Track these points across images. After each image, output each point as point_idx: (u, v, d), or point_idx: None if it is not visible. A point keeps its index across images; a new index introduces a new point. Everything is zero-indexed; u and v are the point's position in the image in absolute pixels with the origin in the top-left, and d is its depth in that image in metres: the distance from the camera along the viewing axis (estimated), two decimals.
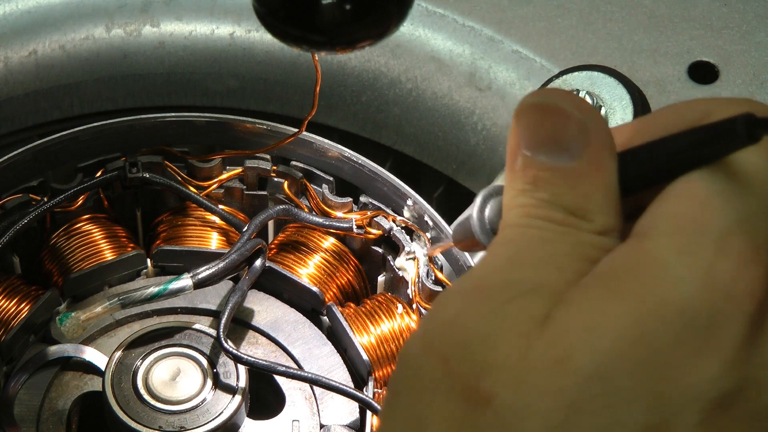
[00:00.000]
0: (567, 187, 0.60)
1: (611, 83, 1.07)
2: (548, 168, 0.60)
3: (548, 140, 0.60)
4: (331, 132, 1.22)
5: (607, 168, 0.60)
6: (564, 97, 0.61)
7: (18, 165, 1.06)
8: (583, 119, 0.60)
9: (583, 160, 0.60)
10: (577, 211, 0.59)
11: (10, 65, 1.20)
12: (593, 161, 0.60)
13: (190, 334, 1.01)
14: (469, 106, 1.19)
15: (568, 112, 0.60)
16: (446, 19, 1.20)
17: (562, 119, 0.61)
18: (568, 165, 0.60)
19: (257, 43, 1.22)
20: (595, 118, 0.61)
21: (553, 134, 0.60)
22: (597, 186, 0.60)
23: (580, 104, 0.61)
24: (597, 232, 0.59)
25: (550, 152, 0.60)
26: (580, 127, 0.60)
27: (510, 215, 0.61)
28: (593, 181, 0.60)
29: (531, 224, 0.60)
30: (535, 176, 0.60)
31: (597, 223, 0.59)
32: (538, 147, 0.61)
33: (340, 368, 1.03)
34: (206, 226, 1.10)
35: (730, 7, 1.19)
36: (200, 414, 0.96)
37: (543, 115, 0.61)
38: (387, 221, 1.07)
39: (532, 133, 0.61)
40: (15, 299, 1.04)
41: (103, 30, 1.21)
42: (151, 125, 1.09)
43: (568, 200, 0.60)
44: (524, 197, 0.60)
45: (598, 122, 0.61)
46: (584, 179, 0.60)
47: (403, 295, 1.07)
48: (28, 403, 0.99)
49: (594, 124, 0.61)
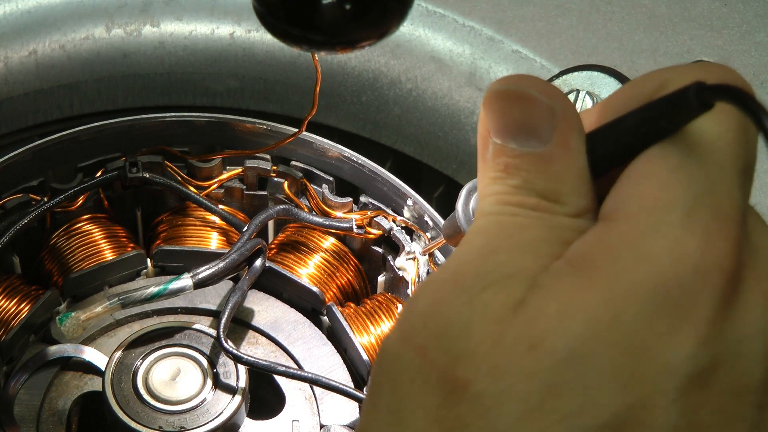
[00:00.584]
0: (538, 171, 0.60)
1: (611, 83, 1.07)
2: (518, 154, 0.60)
3: (517, 126, 0.61)
4: (331, 132, 1.22)
5: (577, 150, 0.60)
6: (529, 83, 0.61)
7: (18, 165, 1.06)
8: (550, 103, 0.61)
9: (553, 144, 0.60)
10: (550, 194, 0.60)
11: (10, 65, 1.20)
12: (562, 144, 0.60)
13: (190, 334, 1.01)
14: (469, 106, 1.19)
15: (534, 97, 0.61)
16: (446, 19, 1.20)
17: (529, 105, 0.61)
18: (538, 150, 0.60)
19: (257, 43, 1.22)
20: (561, 102, 0.61)
21: (521, 120, 0.61)
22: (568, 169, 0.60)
23: (546, 89, 0.61)
24: (571, 214, 0.60)
25: (520, 138, 0.61)
26: (547, 112, 0.60)
27: (484, 204, 0.61)
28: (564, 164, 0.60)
29: (504, 211, 0.60)
30: (506, 163, 0.61)
31: (570, 206, 0.60)
32: (507, 134, 0.61)
33: (340, 368, 1.03)
34: (206, 226, 1.10)
35: (730, 7, 1.19)
36: (200, 414, 0.96)
37: (510, 102, 0.61)
38: (387, 221, 1.07)
39: (501, 121, 0.61)
40: (15, 299, 1.04)
41: (103, 30, 1.21)
42: (151, 125, 1.09)
43: (540, 185, 0.60)
44: (497, 185, 0.61)
45: (565, 106, 0.61)
46: (555, 163, 0.60)
47: (403, 295, 1.07)
48: (28, 403, 0.99)
49: (561, 107, 0.61)
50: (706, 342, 0.55)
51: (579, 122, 0.61)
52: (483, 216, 0.61)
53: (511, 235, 0.59)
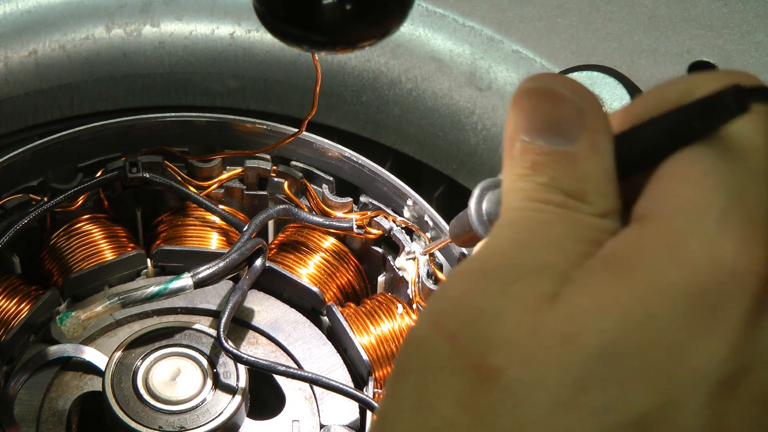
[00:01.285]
0: (565, 170, 0.60)
1: (611, 83, 1.07)
2: (546, 152, 0.61)
3: (545, 124, 0.61)
4: (331, 132, 1.22)
5: (604, 150, 0.61)
6: (560, 81, 0.62)
7: (18, 165, 1.06)
8: (579, 102, 0.61)
9: (580, 143, 0.60)
10: (576, 193, 0.60)
11: (10, 65, 1.20)
12: (590, 144, 0.60)
13: (190, 334, 1.01)
14: (469, 106, 1.19)
15: (564, 95, 0.61)
16: (446, 19, 1.20)
17: (559, 103, 0.61)
18: (566, 148, 0.61)
19: (257, 43, 1.22)
20: (590, 102, 0.61)
21: (550, 118, 0.61)
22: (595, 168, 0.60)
23: (576, 88, 0.61)
24: (597, 214, 0.60)
25: (548, 136, 0.61)
26: (576, 111, 0.61)
27: (510, 199, 0.61)
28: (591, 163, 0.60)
29: (532, 207, 0.60)
30: (533, 161, 0.61)
31: (596, 206, 0.60)
32: (535, 131, 0.61)
33: (340, 368, 1.03)
34: (206, 226, 1.10)
35: (730, 7, 1.19)
36: (200, 414, 0.96)
37: (539, 100, 0.61)
38: (387, 221, 1.07)
39: (529, 118, 0.61)
40: (15, 299, 1.04)
41: (103, 30, 1.21)
42: (151, 125, 1.09)
43: (567, 183, 0.60)
44: (523, 182, 0.61)
45: (594, 105, 0.61)
46: (582, 162, 0.60)
47: (403, 295, 1.07)
48: (28, 403, 0.99)
49: (590, 107, 0.61)
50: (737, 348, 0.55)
51: (607, 123, 0.61)
52: (510, 210, 0.61)
53: (539, 230, 0.60)
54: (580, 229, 0.59)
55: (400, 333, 1.04)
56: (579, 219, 0.60)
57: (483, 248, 0.61)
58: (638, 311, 0.55)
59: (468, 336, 0.57)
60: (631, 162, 0.61)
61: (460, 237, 0.80)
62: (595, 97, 0.62)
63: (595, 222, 0.60)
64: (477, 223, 0.74)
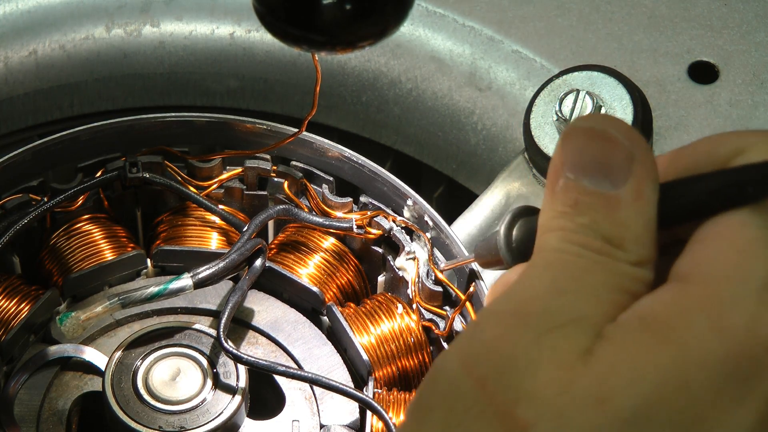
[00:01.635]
0: (606, 214, 0.60)
1: (611, 83, 1.06)
2: (590, 193, 0.61)
3: (593, 165, 0.61)
4: (331, 132, 1.22)
5: (649, 199, 0.61)
6: (614, 124, 0.62)
7: (18, 165, 1.06)
8: (630, 148, 0.61)
9: (626, 189, 0.60)
10: (614, 239, 0.60)
11: (10, 65, 1.20)
12: (635, 191, 0.61)
13: (190, 334, 1.01)
14: (469, 106, 1.19)
15: (617, 138, 0.61)
16: (446, 19, 1.20)
17: (610, 145, 0.61)
18: (610, 192, 0.61)
19: (257, 43, 1.22)
20: (642, 148, 0.61)
21: (599, 159, 0.61)
22: (636, 216, 0.60)
23: (628, 132, 0.61)
24: (632, 262, 0.60)
25: (594, 177, 0.61)
26: (626, 155, 0.61)
27: (548, 238, 0.61)
28: (633, 211, 0.60)
29: (570, 250, 0.60)
30: (576, 199, 0.61)
31: (633, 254, 0.60)
32: (582, 170, 0.61)
33: (340, 368, 1.03)
34: (206, 226, 1.10)
35: (730, 7, 1.19)
36: (200, 414, 0.96)
37: (591, 139, 0.61)
38: (387, 221, 1.07)
39: (578, 156, 0.61)
40: (15, 299, 1.04)
41: (103, 30, 1.21)
42: (151, 125, 1.09)
43: (606, 228, 0.60)
44: (563, 219, 0.61)
45: (645, 152, 0.61)
46: (624, 208, 0.60)
47: (403, 295, 1.07)
48: (28, 403, 0.99)
49: (640, 153, 0.61)
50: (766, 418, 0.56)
51: (655, 171, 0.61)
52: (548, 251, 0.61)
53: (576, 277, 0.59)
54: (615, 278, 0.59)
55: (400, 333, 1.04)
56: (615, 267, 0.60)
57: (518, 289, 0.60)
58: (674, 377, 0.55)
59: (499, 383, 0.57)
60: (675, 214, 0.61)
61: (485, 259, 0.79)
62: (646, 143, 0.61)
63: (630, 271, 0.60)
64: (505, 250, 0.73)
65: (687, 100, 1.14)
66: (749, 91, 1.14)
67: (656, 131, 1.10)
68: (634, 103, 1.05)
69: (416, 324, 1.04)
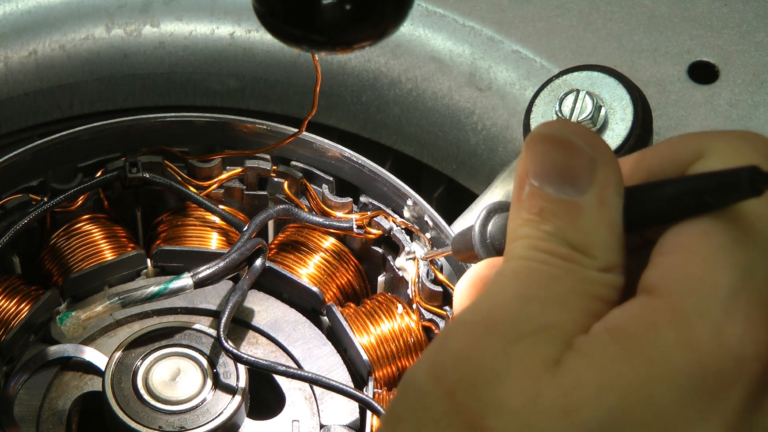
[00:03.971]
0: (571, 221, 0.60)
1: (611, 83, 1.06)
2: (554, 200, 0.61)
3: (556, 172, 0.61)
4: (331, 132, 1.22)
5: (613, 205, 0.61)
6: (576, 131, 0.61)
7: (18, 165, 1.06)
8: (592, 154, 0.61)
9: (589, 195, 0.60)
10: (581, 246, 0.60)
11: (10, 65, 1.20)
12: (598, 197, 0.60)
13: (190, 334, 1.01)
14: (469, 106, 1.19)
15: (578, 146, 0.61)
16: (446, 19, 1.20)
17: (571, 152, 0.61)
18: (574, 199, 0.60)
19: (257, 43, 1.22)
20: (604, 153, 0.61)
21: (561, 166, 0.61)
22: (601, 222, 0.60)
23: (590, 138, 0.61)
24: (600, 268, 0.60)
25: (557, 184, 0.61)
26: (588, 162, 0.61)
27: (515, 246, 0.61)
28: (597, 217, 0.60)
29: (536, 258, 0.60)
30: (541, 207, 0.61)
31: (600, 260, 0.60)
32: (545, 178, 0.61)
33: (340, 368, 1.03)
34: (206, 226, 1.10)
35: (730, 7, 1.18)
36: (200, 414, 0.96)
37: (552, 147, 0.61)
38: (387, 221, 1.07)
39: (541, 164, 0.61)
40: (15, 299, 1.04)
41: (103, 30, 1.21)
42: (151, 125, 1.09)
43: (572, 235, 0.60)
44: (529, 227, 0.61)
45: (607, 157, 0.61)
46: (588, 215, 0.60)
47: (403, 295, 1.07)
48: (28, 403, 0.99)
49: (603, 159, 0.61)
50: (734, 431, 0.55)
51: (619, 177, 0.61)
52: (515, 259, 0.61)
53: (543, 285, 0.59)
54: (583, 285, 0.59)
55: (399, 333, 1.04)
56: (583, 274, 0.59)
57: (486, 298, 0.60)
58: (640, 390, 0.55)
59: (466, 393, 0.57)
60: (640, 218, 0.61)
61: (462, 253, 0.79)
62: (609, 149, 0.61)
63: (598, 277, 0.60)
64: (479, 246, 0.74)
65: (687, 100, 1.14)
66: (749, 91, 1.14)
67: (656, 131, 1.10)
68: (634, 103, 1.05)
69: (416, 324, 1.04)
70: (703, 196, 0.58)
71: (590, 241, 0.60)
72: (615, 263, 0.60)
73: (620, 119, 1.04)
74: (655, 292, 0.58)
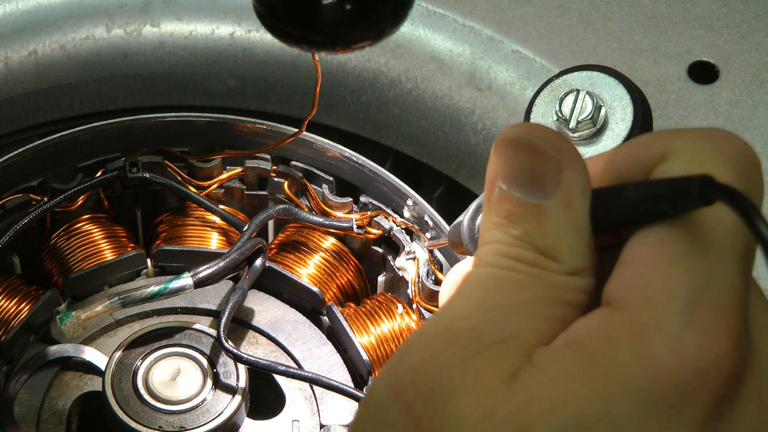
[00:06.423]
0: (538, 225, 0.60)
1: (611, 83, 1.06)
2: (522, 204, 0.61)
3: (522, 176, 0.61)
4: (331, 132, 1.22)
5: (578, 208, 0.60)
6: (542, 135, 0.61)
7: (18, 165, 1.06)
8: (558, 158, 0.61)
9: (554, 199, 0.60)
10: (548, 250, 0.60)
11: (10, 65, 1.20)
12: (564, 201, 0.60)
13: (190, 334, 1.01)
14: (469, 106, 1.19)
15: (544, 149, 0.61)
16: (446, 19, 1.20)
17: (537, 156, 0.61)
18: (541, 203, 0.60)
19: (257, 43, 1.22)
20: (570, 157, 0.61)
21: (528, 171, 0.61)
22: (567, 226, 0.60)
23: (557, 142, 0.61)
24: (567, 272, 0.60)
25: (524, 188, 0.61)
26: (553, 166, 0.60)
27: (483, 251, 0.61)
28: (563, 221, 0.60)
29: (503, 264, 0.60)
30: (509, 211, 0.61)
31: (567, 264, 0.60)
32: (512, 182, 0.61)
33: (340, 368, 1.03)
34: (206, 226, 1.10)
35: (730, 7, 1.19)
36: (200, 414, 0.96)
37: (519, 151, 0.61)
38: (387, 221, 1.07)
39: (508, 167, 0.61)
40: (15, 299, 1.04)
41: (103, 30, 1.21)
42: (151, 125, 1.09)
43: (539, 239, 0.60)
44: (498, 232, 0.61)
45: (573, 161, 0.61)
46: (555, 218, 0.60)
47: (403, 295, 1.07)
48: (28, 403, 0.99)
49: (569, 162, 0.61)
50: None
51: (585, 180, 0.61)
52: (481, 266, 0.61)
53: (507, 293, 0.59)
54: (550, 291, 0.59)
55: (399, 333, 1.04)
56: (549, 279, 0.59)
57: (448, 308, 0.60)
58: (596, 406, 0.55)
59: (424, 408, 0.56)
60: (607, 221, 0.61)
61: (456, 246, 0.80)
62: (576, 152, 0.61)
63: (565, 281, 0.59)
64: (468, 241, 0.74)
65: (687, 100, 1.14)
66: (749, 91, 1.14)
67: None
68: (634, 103, 1.05)
69: (416, 324, 1.04)
70: (659, 203, 0.58)
71: (557, 245, 0.60)
72: (582, 266, 0.60)
73: (620, 119, 1.04)
74: (614, 304, 0.58)
